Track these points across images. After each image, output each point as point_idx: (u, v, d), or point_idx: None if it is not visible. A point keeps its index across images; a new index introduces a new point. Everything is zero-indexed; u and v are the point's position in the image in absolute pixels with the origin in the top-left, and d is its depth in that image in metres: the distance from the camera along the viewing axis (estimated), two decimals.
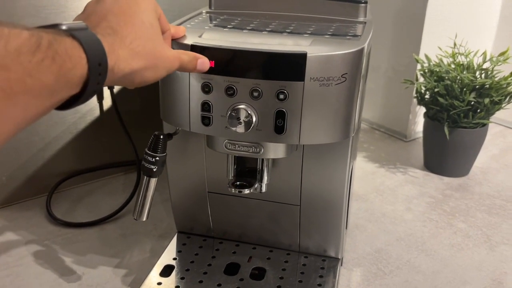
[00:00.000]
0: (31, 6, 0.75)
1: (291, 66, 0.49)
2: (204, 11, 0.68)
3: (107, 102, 0.88)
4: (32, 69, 0.29)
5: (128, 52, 0.39)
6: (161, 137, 0.56)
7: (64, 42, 0.32)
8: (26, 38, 0.29)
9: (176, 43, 0.52)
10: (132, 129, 0.88)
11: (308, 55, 0.49)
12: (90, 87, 0.34)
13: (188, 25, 0.60)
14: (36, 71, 0.29)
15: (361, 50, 0.51)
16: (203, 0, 0.72)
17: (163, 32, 0.48)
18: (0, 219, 0.80)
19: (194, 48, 0.51)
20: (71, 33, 0.34)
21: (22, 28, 0.30)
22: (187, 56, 0.48)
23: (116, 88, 0.88)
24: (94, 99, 0.87)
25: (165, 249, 0.70)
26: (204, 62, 0.50)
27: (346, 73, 0.50)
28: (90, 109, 0.87)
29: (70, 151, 0.88)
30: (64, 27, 0.34)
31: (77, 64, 0.33)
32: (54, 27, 0.34)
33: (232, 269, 0.65)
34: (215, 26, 0.60)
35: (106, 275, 0.67)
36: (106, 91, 0.87)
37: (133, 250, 0.73)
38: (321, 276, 0.64)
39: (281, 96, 0.50)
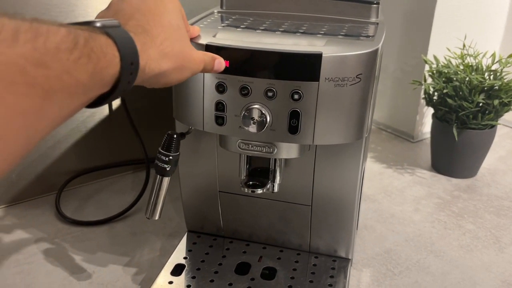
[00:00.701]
0: (42, 4, 0.76)
1: (306, 67, 0.49)
2: (215, 11, 0.68)
3: (116, 100, 0.88)
4: (69, 67, 0.29)
5: (158, 53, 0.39)
6: (175, 136, 0.56)
7: (99, 39, 0.32)
8: (64, 35, 0.29)
9: (191, 42, 0.52)
10: (141, 127, 0.88)
11: (323, 55, 0.49)
12: (121, 86, 0.34)
13: (200, 25, 0.60)
14: (73, 69, 0.29)
15: (376, 50, 0.51)
16: (214, 1, 0.72)
17: None
18: (9, 217, 0.80)
19: (208, 48, 0.51)
20: (105, 30, 0.34)
21: (60, 25, 0.30)
22: (206, 57, 0.48)
23: None
24: None
25: (175, 248, 0.70)
26: (220, 62, 0.50)
27: (361, 74, 0.50)
28: (99, 108, 0.87)
29: (79, 149, 0.88)
30: (98, 24, 0.34)
31: (111, 62, 0.33)
32: (88, 24, 0.34)
33: (242, 269, 0.66)
34: (227, 26, 0.60)
35: (116, 274, 0.67)
36: None
37: (143, 248, 0.73)
38: (331, 277, 0.64)
39: (296, 96, 0.50)
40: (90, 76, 0.31)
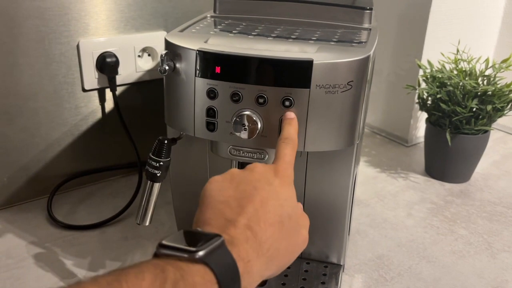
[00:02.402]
0: (35, 7, 0.75)
1: (297, 73, 0.49)
2: (208, 15, 0.68)
3: (109, 104, 0.88)
4: None
5: (263, 264, 0.37)
6: (165, 142, 0.56)
7: (192, 277, 0.31)
8: (147, 286, 0.28)
9: (182, 48, 0.52)
10: (134, 131, 0.88)
11: (314, 62, 0.49)
12: None
13: (193, 30, 0.60)
14: None
15: (367, 57, 0.51)
16: (207, 4, 0.72)
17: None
18: (0, 221, 0.80)
19: (200, 54, 0.51)
20: (205, 261, 0.32)
21: (146, 271, 0.29)
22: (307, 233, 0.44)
23: (119, 91, 0.87)
24: (96, 101, 0.87)
25: None
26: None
27: (352, 81, 0.50)
28: (92, 111, 0.87)
29: (71, 152, 0.87)
30: (201, 254, 0.32)
31: None
32: (190, 252, 0.32)
33: None
34: (220, 31, 0.60)
35: None
36: (108, 93, 0.87)
37: (134, 253, 0.73)
38: (323, 283, 0.64)
39: (287, 103, 0.50)
40: None
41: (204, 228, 0.38)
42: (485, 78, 0.91)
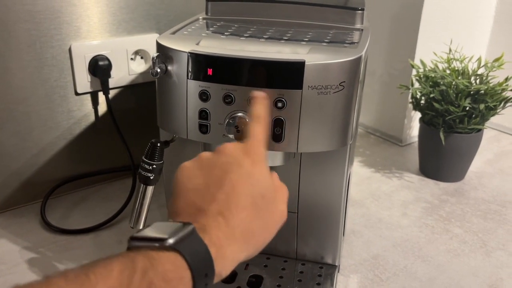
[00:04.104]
0: (26, 11, 0.75)
1: (289, 75, 0.49)
2: (200, 17, 0.68)
3: (102, 107, 0.88)
4: None
5: (236, 248, 0.37)
6: (158, 144, 0.56)
7: (163, 264, 0.31)
8: (116, 276, 0.29)
9: (173, 50, 0.52)
10: (128, 134, 0.87)
11: (306, 63, 0.49)
12: None
13: (185, 32, 0.60)
14: None
15: (359, 58, 0.51)
16: (199, 6, 0.72)
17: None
18: None
19: (191, 56, 0.51)
20: (176, 248, 0.32)
21: (115, 262, 0.30)
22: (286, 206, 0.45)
23: (112, 93, 0.87)
24: (89, 104, 0.86)
25: None
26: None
27: (344, 81, 0.50)
28: (85, 114, 0.86)
29: (64, 157, 0.87)
30: (171, 241, 0.33)
31: (178, 285, 0.32)
32: (161, 241, 0.33)
33: (229, 277, 0.65)
34: (212, 33, 0.60)
35: None
36: (101, 97, 0.86)
37: None
38: (318, 284, 0.64)
39: (279, 104, 0.50)
40: None
41: (176, 219, 0.38)
42: (477, 77, 0.91)
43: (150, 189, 0.57)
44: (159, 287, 0.30)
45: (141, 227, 0.57)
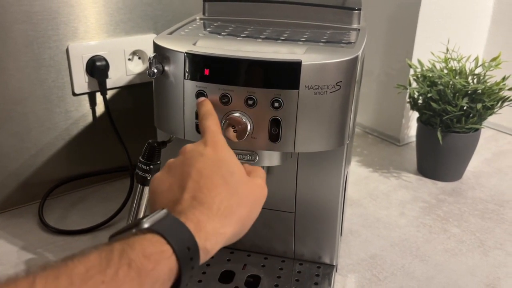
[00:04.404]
0: (23, 12, 0.75)
1: (286, 75, 0.49)
2: (198, 17, 0.68)
3: (100, 107, 0.88)
4: (108, 285, 0.29)
5: (217, 223, 0.38)
6: (155, 145, 0.56)
7: (140, 243, 0.32)
8: (94, 259, 0.30)
9: (170, 51, 0.52)
10: (125, 134, 0.87)
11: (303, 63, 0.49)
12: (184, 276, 0.34)
13: (182, 32, 0.60)
14: (114, 285, 0.29)
15: (356, 58, 0.51)
16: (196, 7, 0.72)
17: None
18: None
19: (188, 56, 0.51)
20: (152, 228, 0.34)
21: (92, 250, 0.30)
22: (264, 181, 0.46)
23: (109, 94, 0.87)
24: (86, 105, 0.86)
25: None
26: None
27: (341, 81, 0.50)
28: (83, 115, 0.86)
29: (62, 157, 0.87)
30: (146, 225, 0.34)
31: (160, 260, 0.32)
32: (136, 226, 0.34)
33: (227, 277, 0.65)
34: (209, 33, 0.60)
35: None
36: (99, 97, 0.87)
37: None
38: (316, 284, 0.64)
39: (276, 104, 0.50)
40: (139, 282, 0.30)
41: None
42: (475, 77, 0.91)
43: (147, 189, 0.57)
44: (140, 264, 0.31)
45: None
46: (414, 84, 0.97)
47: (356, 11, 0.65)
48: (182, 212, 0.37)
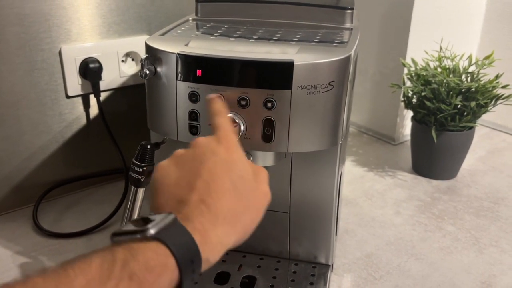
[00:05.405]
0: (14, 14, 0.74)
1: (278, 75, 0.49)
2: (190, 18, 0.68)
3: (94, 110, 0.87)
4: None
5: (222, 232, 0.37)
6: (148, 146, 0.56)
7: (144, 254, 0.31)
8: (95, 269, 0.29)
9: (162, 52, 0.52)
10: (119, 137, 0.87)
11: (295, 63, 0.49)
12: (186, 283, 0.33)
13: (174, 33, 0.60)
14: None
15: (348, 57, 0.51)
16: (190, 8, 0.72)
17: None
18: None
19: (180, 57, 0.51)
20: (158, 237, 0.32)
21: (94, 256, 0.30)
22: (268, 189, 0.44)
23: (103, 96, 0.87)
24: (80, 107, 0.86)
25: None
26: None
27: (333, 81, 0.50)
28: (76, 117, 0.86)
29: (56, 160, 0.86)
30: (152, 232, 0.33)
31: (163, 273, 0.31)
32: (141, 232, 0.33)
33: (222, 278, 0.65)
34: (202, 33, 0.60)
35: None
36: (93, 99, 0.86)
37: None
38: (311, 283, 0.64)
39: (269, 105, 0.50)
40: None
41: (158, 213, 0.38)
42: (468, 75, 0.91)
43: (141, 191, 0.57)
44: (142, 277, 0.30)
45: None
46: (408, 83, 0.97)
47: (349, 11, 0.65)
48: (189, 215, 0.36)
